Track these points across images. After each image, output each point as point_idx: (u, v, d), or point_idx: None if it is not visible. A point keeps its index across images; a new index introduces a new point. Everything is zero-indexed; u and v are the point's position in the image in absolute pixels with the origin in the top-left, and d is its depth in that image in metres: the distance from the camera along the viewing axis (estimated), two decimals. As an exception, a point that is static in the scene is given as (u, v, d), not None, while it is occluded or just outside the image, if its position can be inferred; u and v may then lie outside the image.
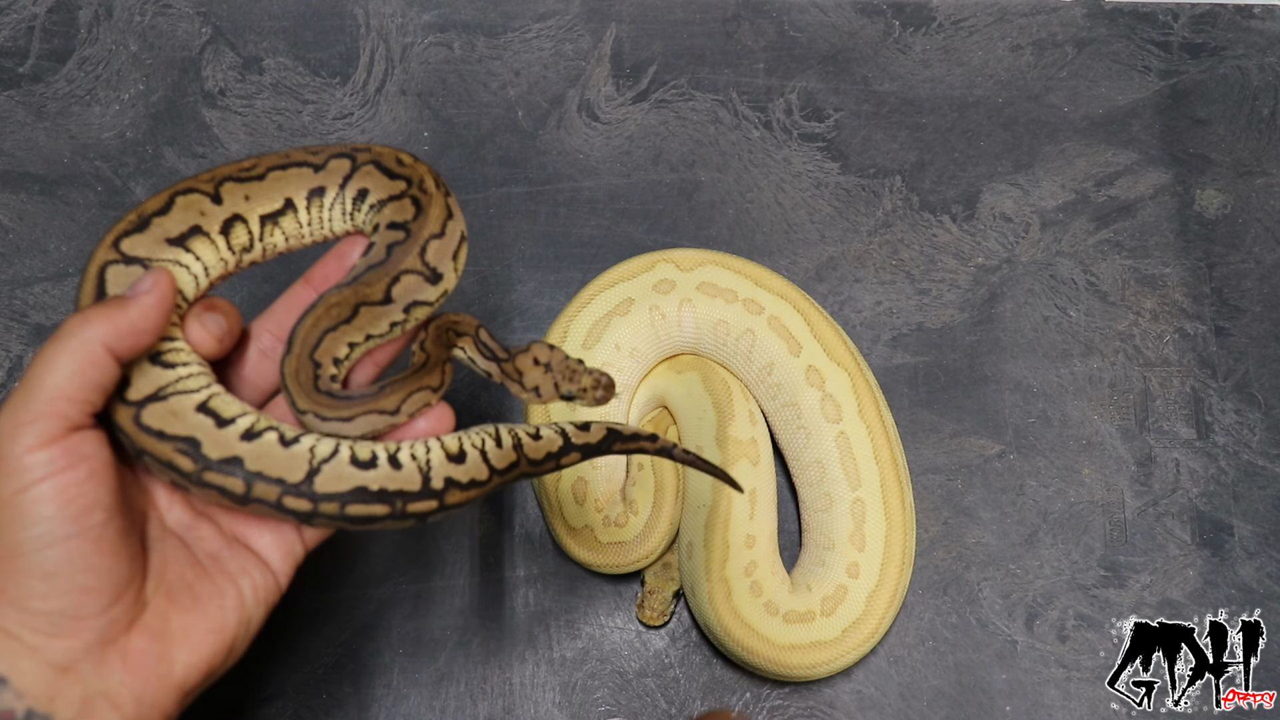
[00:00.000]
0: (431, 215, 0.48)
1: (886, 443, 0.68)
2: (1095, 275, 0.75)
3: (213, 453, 0.45)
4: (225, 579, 0.48)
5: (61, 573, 0.42)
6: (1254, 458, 0.72)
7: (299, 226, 0.50)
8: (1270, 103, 0.79)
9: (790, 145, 0.78)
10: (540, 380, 0.52)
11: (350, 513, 0.46)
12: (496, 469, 0.49)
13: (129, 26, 0.79)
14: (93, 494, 0.42)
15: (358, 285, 0.47)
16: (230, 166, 0.49)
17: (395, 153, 0.50)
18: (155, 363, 0.46)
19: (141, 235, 0.47)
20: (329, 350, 0.48)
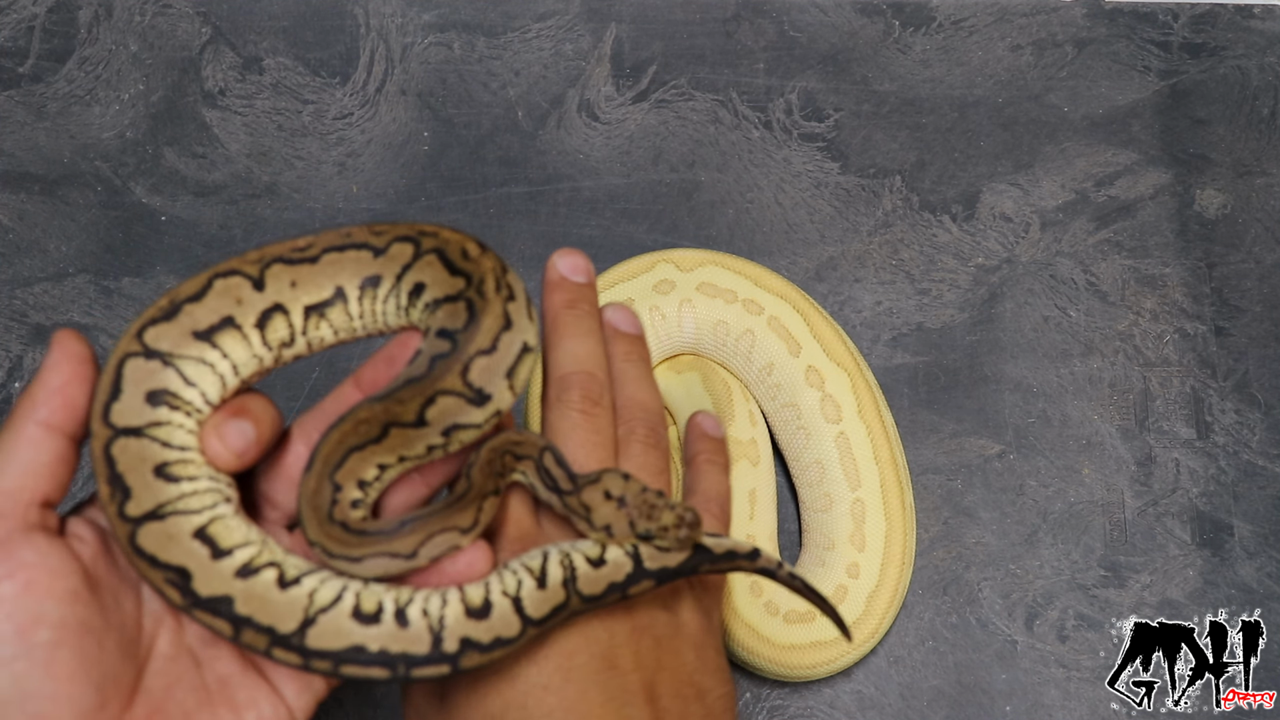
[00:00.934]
0: (483, 327, 0.42)
1: (886, 443, 0.68)
2: (1095, 275, 0.75)
3: (202, 588, 0.40)
4: (228, 711, 0.42)
5: (10, 700, 0.37)
6: (1254, 458, 0.72)
7: (349, 319, 0.44)
8: (1270, 103, 0.79)
9: (790, 145, 0.78)
10: (612, 518, 0.44)
11: (346, 673, 0.41)
12: (533, 619, 0.42)
13: (129, 26, 0.79)
14: (33, 609, 0.37)
15: (389, 402, 0.42)
16: (283, 246, 0.43)
17: (464, 242, 0.43)
18: (159, 475, 0.41)
19: (169, 325, 0.42)
20: (354, 471, 0.42)
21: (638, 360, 0.52)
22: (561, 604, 0.42)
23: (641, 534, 0.44)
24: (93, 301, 0.73)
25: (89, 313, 0.73)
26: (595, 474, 0.45)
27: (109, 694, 0.39)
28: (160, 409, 0.41)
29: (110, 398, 0.41)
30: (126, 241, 0.75)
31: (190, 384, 0.42)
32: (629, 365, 0.52)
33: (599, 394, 0.49)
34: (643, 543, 0.44)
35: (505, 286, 0.42)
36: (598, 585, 0.43)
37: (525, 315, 0.43)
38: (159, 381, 0.41)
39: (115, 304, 0.73)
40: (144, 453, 0.41)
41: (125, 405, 0.41)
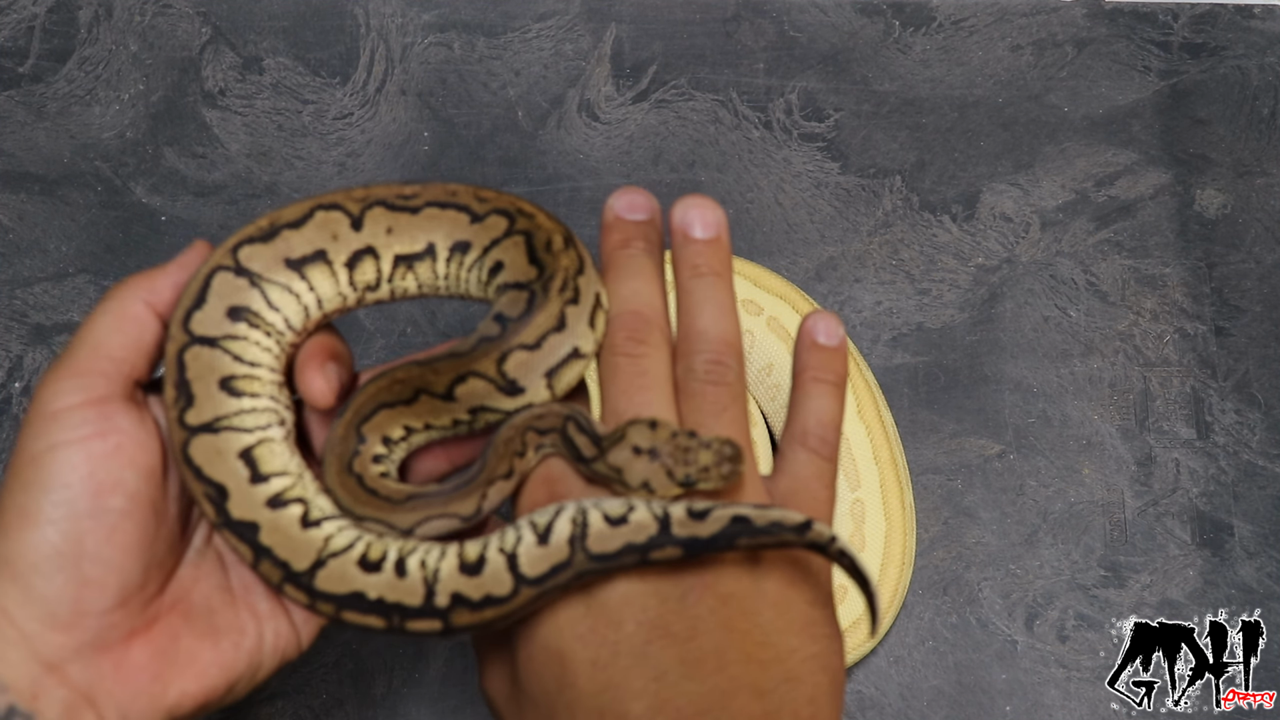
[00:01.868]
0: (533, 323, 0.41)
1: (886, 443, 0.68)
2: (1095, 275, 0.75)
3: (235, 510, 0.41)
4: (250, 616, 0.43)
5: (69, 553, 0.38)
6: (1254, 458, 0.72)
7: (434, 277, 0.44)
8: (1270, 103, 0.79)
9: (790, 145, 0.78)
10: (648, 472, 0.41)
11: (346, 619, 0.41)
12: (527, 577, 0.39)
13: (129, 26, 0.79)
14: (115, 473, 0.39)
15: (426, 369, 0.42)
16: (389, 188, 0.44)
17: (553, 232, 0.43)
18: (223, 388, 0.42)
19: (264, 246, 0.43)
20: (380, 427, 0.43)
21: (707, 276, 0.46)
22: (563, 562, 0.39)
23: (683, 481, 0.41)
24: (93, 301, 0.73)
25: (89, 312, 0.73)
26: (619, 430, 0.41)
27: (152, 574, 0.41)
28: (239, 324, 0.42)
29: (194, 305, 0.42)
30: (127, 241, 0.75)
31: (274, 308, 0.43)
32: (695, 284, 0.46)
33: (645, 332, 0.43)
34: (688, 490, 0.41)
35: (572, 288, 0.42)
36: (611, 543, 0.39)
37: (585, 321, 0.42)
38: (243, 299, 0.42)
39: (115, 304, 0.73)
40: (214, 363, 0.42)
41: (206, 315, 0.42)
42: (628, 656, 0.39)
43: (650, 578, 0.40)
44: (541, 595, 0.40)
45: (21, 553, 0.38)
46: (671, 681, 0.38)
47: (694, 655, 0.39)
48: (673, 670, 0.38)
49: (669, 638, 0.39)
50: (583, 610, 0.40)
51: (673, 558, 0.39)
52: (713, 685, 0.38)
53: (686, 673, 0.38)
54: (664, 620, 0.39)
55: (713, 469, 0.40)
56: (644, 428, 0.41)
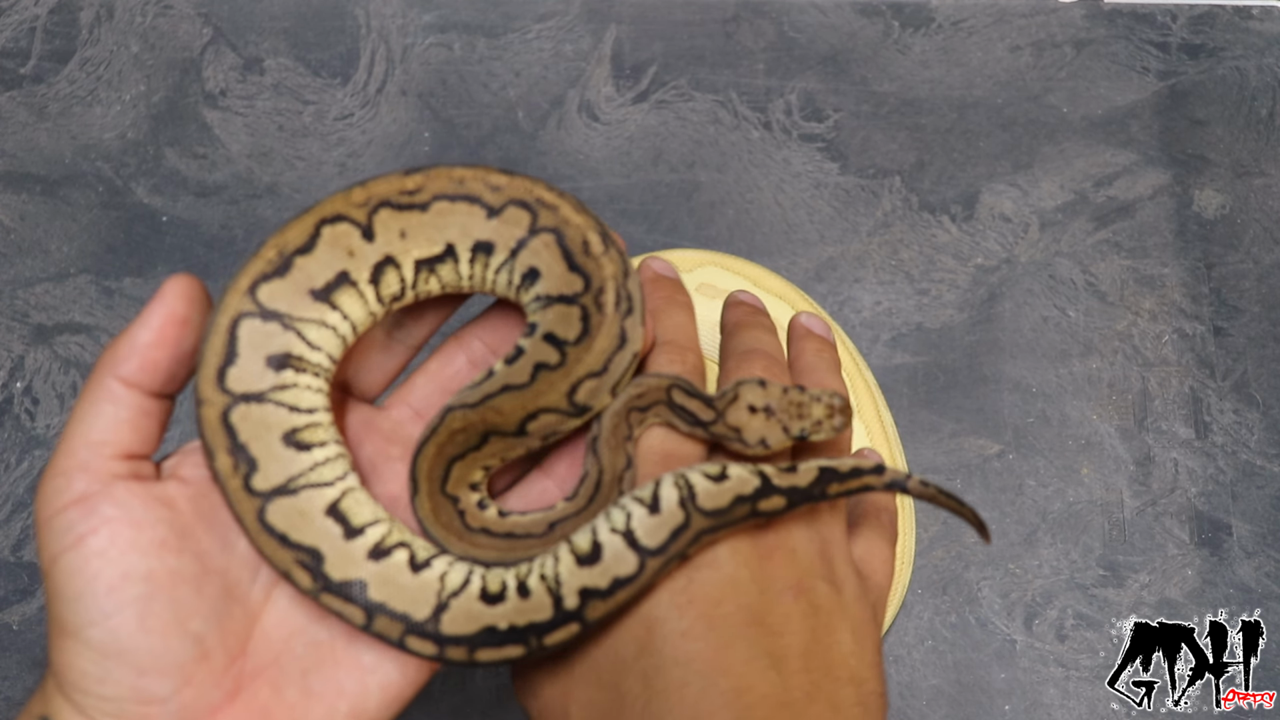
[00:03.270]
0: (597, 347, 0.39)
1: (885, 443, 0.68)
2: (1094, 275, 0.75)
3: (335, 571, 0.38)
4: (349, 671, 0.40)
5: (112, 652, 0.36)
6: (1252, 457, 0.72)
7: (458, 278, 0.41)
8: (1269, 103, 0.79)
9: (790, 146, 0.78)
10: (765, 429, 0.41)
11: (480, 659, 0.39)
12: (649, 549, 0.38)
13: (130, 27, 0.79)
14: (119, 564, 0.37)
15: (487, 410, 0.40)
16: (388, 184, 0.40)
17: (586, 228, 0.40)
18: (289, 442, 0.38)
19: (283, 281, 0.38)
20: (462, 480, 0.41)
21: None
22: (681, 525, 0.39)
23: (798, 435, 0.42)
24: (94, 302, 0.73)
25: (90, 313, 0.73)
26: (731, 390, 0.42)
27: (211, 644, 0.38)
28: (285, 372, 0.39)
29: (225, 362, 0.38)
30: (128, 242, 0.75)
31: (315, 347, 0.39)
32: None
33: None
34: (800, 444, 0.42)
35: (625, 299, 0.40)
36: (721, 499, 0.39)
37: (639, 324, 0.41)
38: (280, 345, 0.39)
39: (116, 304, 0.73)
40: (269, 419, 0.38)
41: (244, 369, 0.38)
42: (722, 634, 0.39)
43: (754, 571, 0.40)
44: (667, 564, 0.39)
45: (70, 663, 0.37)
46: (760, 669, 0.38)
47: (782, 650, 0.39)
48: (762, 658, 0.39)
49: (763, 627, 0.39)
50: (684, 582, 0.40)
51: (778, 508, 0.40)
52: (796, 683, 0.39)
53: (773, 664, 0.39)
54: (761, 610, 0.40)
55: (825, 421, 0.42)
56: (755, 386, 0.42)
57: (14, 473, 0.70)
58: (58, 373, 0.72)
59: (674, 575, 0.40)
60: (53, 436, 0.71)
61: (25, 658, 0.67)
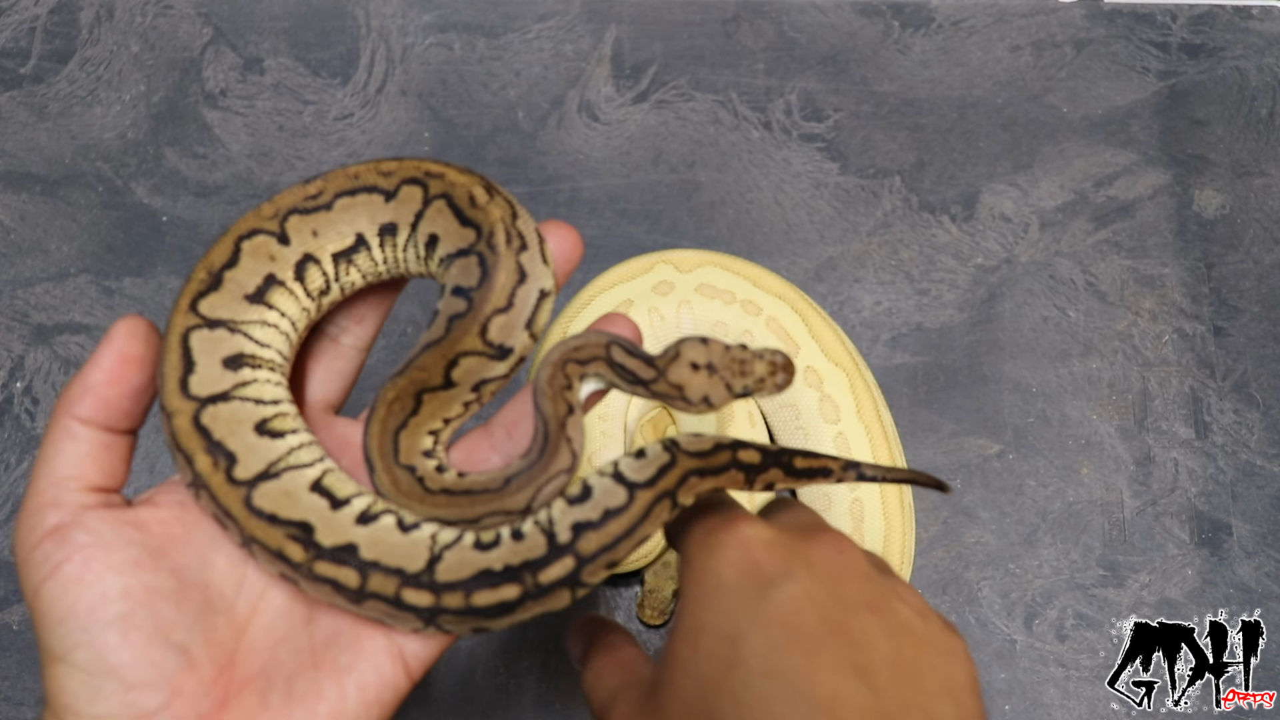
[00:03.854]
0: (497, 284, 0.41)
1: (885, 443, 0.68)
2: (1094, 275, 0.75)
3: (326, 539, 0.39)
4: (328, 675, 0.41)
5: (99, 671, 0.38)
6: (1252, 457, 0.72)
7: (374, 265, 0.44)
8: (1268, 103, 0.79)
9: (790, 146, 0.78)
10: (707, 387, 0.42)
11: (478, 603, 0.39)
12: (637, 482, 0.40)
13: (130, 27, 0.79)
14: (96, 587, 0.38)
15: (413, 371, 0.42)
16: (294, 194, 0.43)
17: (471, 185, 0.42)
18: (262, 432, 0.40)
19: (218, 294, 0.41)
20: (412, 449, 0.42)
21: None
22: (668, 463, 0.40)
23: (740, 392, 0.43)
24: (94, 302, 0.73)
25: (90, 313, 0.73)
26: (673, 348, 0.43)
27: (196, 654, 0.39)
28: (243, 370, 0.41)
29: (185, 372, 0.40)
30: (128, 242, 0.75)
31: (263, 345, 0.42)
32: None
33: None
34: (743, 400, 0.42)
35: (516, 236, 0.42)
36: (703, 444, 0.41)
37: (539, 261, 0.42)
38: (232, 347, 0.41)
39: (116, 304, 0.73)
40: (238, 414, 0.40)
41: (204, 375, 0.40)
42: (806, 644, 0.39)
43: (829, 584, 0.41)
44: (657, 500, 0.40)
45: (61, 686, 0.38)
46: (849, 679, 0.39)
47: (866, 664, 0.39)
48: (849, 669, 0.39)
49: (847, 640, 0.40)
50: (761, 599, 0.40)
51: (755, 462, 0.41)
52: (888, 695, 0.39)
53: (859, 675, 0.39)
54: (844, 624, 0.40)
55: (767, 379, 0.42)
56: (697, 344, 0.43)
57: (14, 473, 0.70)
58: (58, 373, 0.72)
59: (749, 590, 0.40)
60: (53, 436, 0.71)
61: (25, 657, 0.67)
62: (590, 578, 0.40)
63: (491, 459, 0.44)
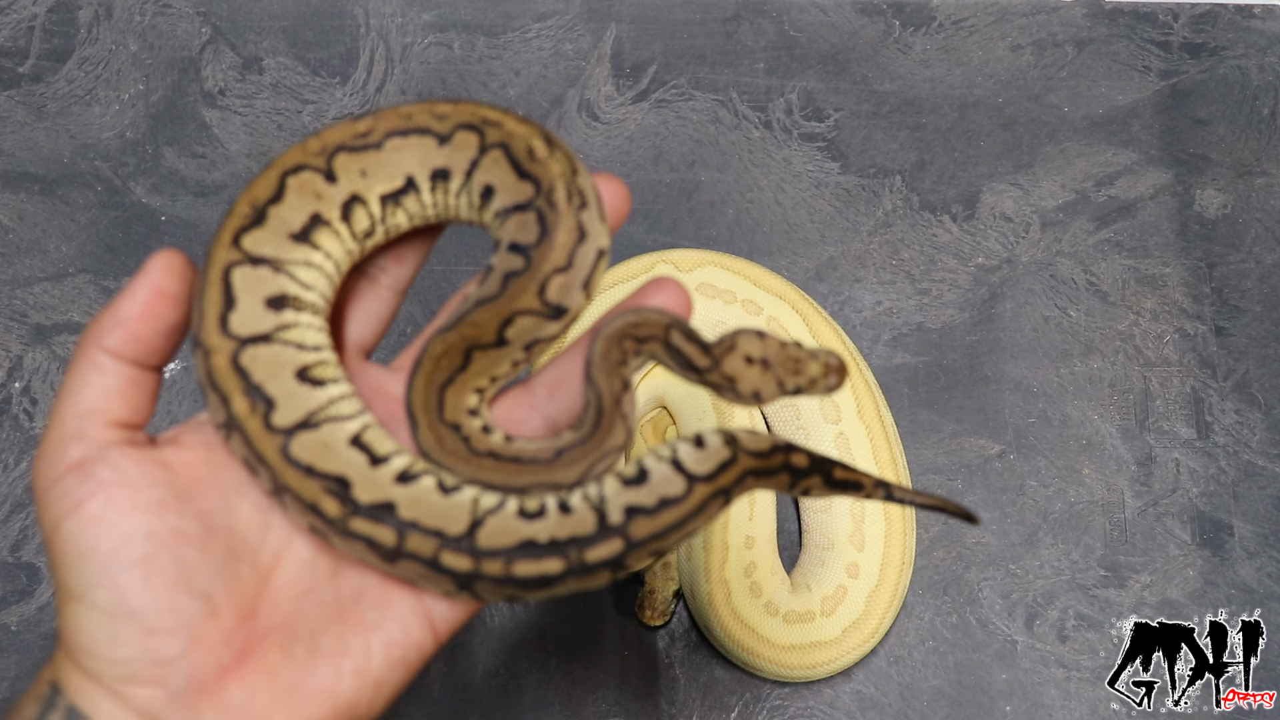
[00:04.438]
0: (557, 242, 0.40)
1: (886, 443, 0.68)
2: (1095, 275, 0.75)
3: (363, 495, 0.38)
4: (354, 630, 0.40)
5: (119, 614, 0.36)
6: (1254, 457, 0.72)
7: (423, 208, 0.42)
8: (1270, 103, 0.79)
9: (790, 145, 0.78)
10: (759, 382, 0.42)
11: (518, 573, 0.38)
12: (698, 475, 0.39)
13: (129, 26, 0.79)
14: (120, 525, 0.37)
15: (464, 326, 0.41)
16: (342, 131, 0.41)
17: (530, 136, 0.41)
18: (304, 379, 0.39)
19: (262, 230, 0.40)
20: (457, 407, 0.41)
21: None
22: (729, 459, 0.40)
23: (791, 390, 0.42)
24: (93, 301, 0.73)
25: (89, 312, 0.73)
26: (729, 339, 0.42)
27: (219, 601, 0.38)
28: (285, 312, 0.40)
29: (225, 309, 0.39)
30: (126, 241, 0.75)
31: (307, 287, 0.41)
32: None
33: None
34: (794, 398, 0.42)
35: (576, 194, 0.40)
36: (762, 443, 0.40)
37: (598, 219, 0.41)
38: (275, 287, 0.40)
39: (115, 304, 0.73)
40: (280, 358, 0.39)
41: (245, 313, 0.39)
42: None
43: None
44: (714, 495, 0.39)
45: (78, 627, 0.37)
46: None
47: None
48: None
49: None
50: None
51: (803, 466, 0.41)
52: None
53: None
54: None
55: (819, 380, 0.42)
56: (753, 337, 0.42)
57: (13, 473, 0.70)
58: (56, 373, 0.72)
59: None
60: (51, 437, 0.71)
61: (24, 659, 0.67)
62: (634, 562, 0.39)
63: (531, 419, 0.43)
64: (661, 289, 0.43)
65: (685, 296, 0.43)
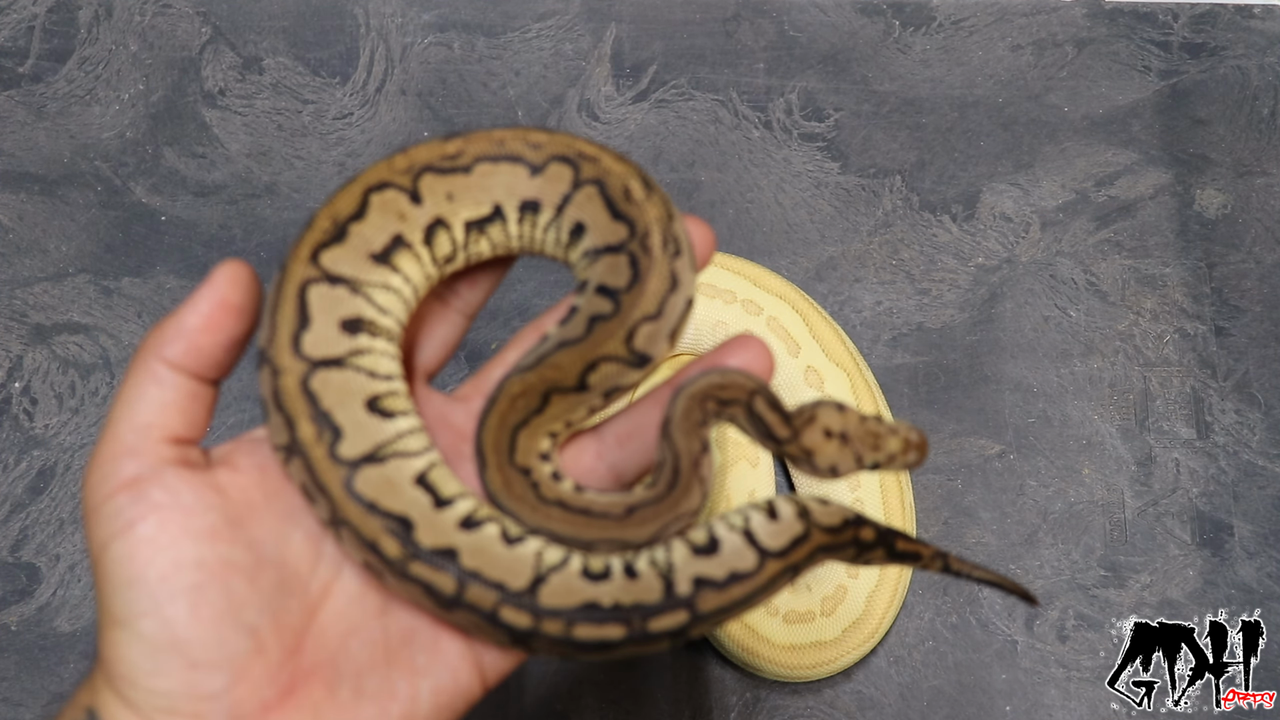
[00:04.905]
0: (649, 289, 0.38)
1: (886, 443, 0.68)
2: (1095, 275, 0.75)
3: (426, 539, 0.36)
4: (402, 674, 0.38)
5: (164, 644, 0.35)
6: (1254, 457, 0.72)
7: (507, 239, 0.41)
8: (1270, 103, 0.79)
9: (790, 145, 0.78)
10: (837, 457, 0.41)
11: (578, 636, 0.37)
12: (770, 550, 0.38)
13: (129, 26, 0.79)
14: (171, 552, 0.35)
15: (545, 368, 0.39)
16: (429, 150, 0.40)
17: (628, 176, 0.39)
18: (373, 410, 0.38)
19: (342, 248, 0.38)
20: (529, 450, 0.40)
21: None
22: (802, 535, 0.38)
23: (870, 466, 0.41)
24: (93, 301, 0.73)
25: (89, 312, 0.73)
26: (809, 410, 0.41)
27: (265, 636, 0.37)
28: (360, 336, 0.38)
29: (299, 328, 0.37)
30: (126, 241, 0.75)
31: (384, 311, 0.39)
32: None
33: None
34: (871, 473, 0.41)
35: (672, 241, 0.39)
36: (833, 518, 0.39)
37: (689, 269, 0.40)
38: (352, 309, 0.38)
39: (115, 304, 0.73)
40: (350, 385, 0.38)
41: (319, 334, 0.38)
42: None
43: None
44: (785, 571, 0.38)
45: (121, 655, 0.36)
46: None
47: None
48: None
49: None
50: None
51: (870, 540, 0.40)
52: None
53: None
54: None
55: (899, 456, 0.41)
56: (833, 410, 0.41)
57: (12, 473, 0.70)
58: (56, 373, 0.72)
59: None
60: (51, 436, 0.71)
61: (24, 658, 0.67)
62: (696, 634, 0.38)
63: (598, 468, 0.42)
64: (746, 347, 0.41)
65: (769, 357, 0.41)
